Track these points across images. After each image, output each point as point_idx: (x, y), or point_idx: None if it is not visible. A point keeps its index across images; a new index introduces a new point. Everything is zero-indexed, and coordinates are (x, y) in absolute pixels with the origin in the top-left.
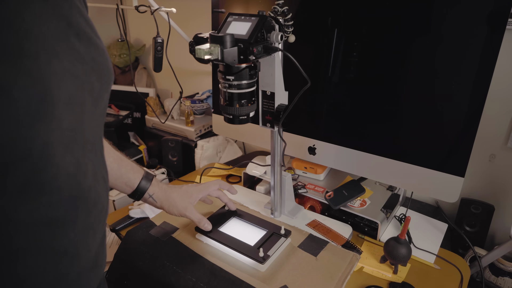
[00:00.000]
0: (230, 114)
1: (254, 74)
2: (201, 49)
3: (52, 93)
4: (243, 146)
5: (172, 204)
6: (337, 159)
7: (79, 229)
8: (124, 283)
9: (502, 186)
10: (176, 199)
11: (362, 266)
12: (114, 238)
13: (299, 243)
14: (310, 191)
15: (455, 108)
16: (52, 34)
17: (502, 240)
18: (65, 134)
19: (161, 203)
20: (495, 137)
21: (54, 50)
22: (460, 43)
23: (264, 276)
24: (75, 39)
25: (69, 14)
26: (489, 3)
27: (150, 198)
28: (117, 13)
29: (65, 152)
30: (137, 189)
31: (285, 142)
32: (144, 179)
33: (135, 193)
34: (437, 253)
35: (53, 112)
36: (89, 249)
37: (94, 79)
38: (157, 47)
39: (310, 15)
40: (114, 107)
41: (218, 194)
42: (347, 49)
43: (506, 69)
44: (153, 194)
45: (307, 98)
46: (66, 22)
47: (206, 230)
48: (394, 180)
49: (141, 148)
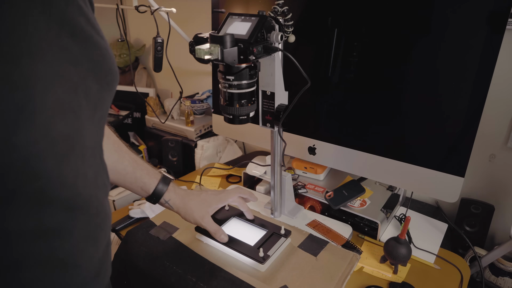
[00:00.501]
0: (230, 114)
1: (254, 74)
2: (201, 49)
3: (34, 101)
4: (243, 146)
5: (188, 213)
6: (337, 159)
7: (78, 239)
8: (124, 283)
9: (502, 186)
10: (194, 207)
11: (362, 266)
12: (114, 238)
13: (299, 243)
14: (310, 191)
15: (455, 108)
16: (40, 35)
17: (502, 240)
18: (56, 143)
19: (178, 209)
20: (495, 137)
21: (40, 52)
22: (460, 43)
23: (264, 276)
24: (69, 39)
25: (64, 11)
26: (489, 3)
27: (166, 204)
28: (117, 13)
29: (59, 162)
30: (153, 194)
31: (285, 142)
32: (160, 183)
33: (151, 198)
34: (437, 253)
35: (35, 121)
36: (91, 258)
37: (91, 81)
38: (157, 47)
39: (310, 15)
40: (114, 107)
41: (238, 202)
42: (347, 49)
43: (506, 69)
44: (169, 200)
45: (307, 98)
46: (59, 20)
47: (222, 241)
48: (394, 180)
49: (141, 148)
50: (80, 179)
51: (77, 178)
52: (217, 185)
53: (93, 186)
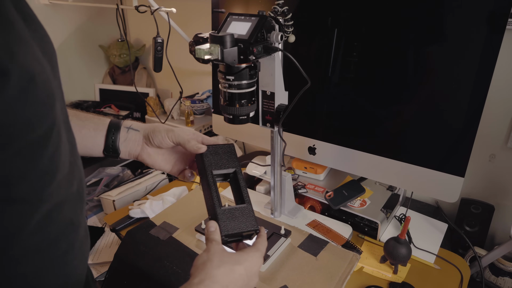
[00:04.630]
0: (230, 114)
1: (254, 74)
2: (201, 49)
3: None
4: (243, 146)
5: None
6: (337, 159)
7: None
8: (124, 283)
9: (502, 186)
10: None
11: (362, 266)
12: (114, 238)
13: (299, 243)
14: (310, 191)
15: (455, 108)
16: (20, 25)
17: (502, 240)
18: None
19: (146, 132)
20: (495, 137)
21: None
22: (460, 43)
23: (264, 276)
24: (24, 24)
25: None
26: (489, 3)
27: (130, 130)
28: (117, 13)
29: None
30: (108, 132)
31: (285, 142)
32: (112, 121)
33: (108, 138)
34: (437, 253)
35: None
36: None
37: (46, 63)
38: (157, 47)
39: (310, 15)
40: (114, 107)
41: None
42: (347, 49)
43: (506, 69)
44: (131, 125)
45: (307, 98)
46: (17, 5)
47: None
48: (394, 180)
49: None
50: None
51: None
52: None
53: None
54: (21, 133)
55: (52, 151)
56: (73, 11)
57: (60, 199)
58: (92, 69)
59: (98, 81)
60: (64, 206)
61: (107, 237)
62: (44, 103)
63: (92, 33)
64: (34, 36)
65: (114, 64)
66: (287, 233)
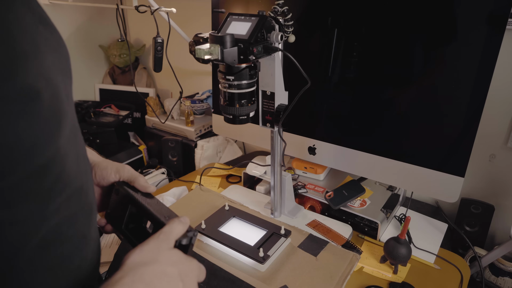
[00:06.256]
0: (230, 114)
1: (254, 74)
2: (201, 49)
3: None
4: (243, 146)
5: (102, 163)
6: (337, 159)
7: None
8: None
9: (502, 186)
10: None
11: (362, 266)
12: (114, 238)
13: (299, 243)
14: (310, 191)
15: (455, 108)
16: (33, 29)
17: (502, 240)
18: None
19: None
20: (495, 137)
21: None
22: (460, 43)
23: (264, 276)
24: (42, 26)
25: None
26: (489, 3)
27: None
28: (117, 13)
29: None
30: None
31: (285, 142)
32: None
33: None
34: (437, 253)
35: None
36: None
37: (64, 67)
38: (157, 47)
39: (310, 15)
40: (114, 107)
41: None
42: (347, 49)
43: (506, 69)
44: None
45: (307, 98)
46: (31, 7)
47: (148, 190)
48: (394, 180)
49: (141, 148)
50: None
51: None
52: (217, 185)
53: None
54: (26, 157)
55: (59, 171)
56: (73, 11)
57: (70, 212)
58: (92, 69)
59: (98, 81)
60: (75, 219)
61: (107, 237)
62: (50, 121)
63: (92, 33)
64: (51, 38)
65: (114, 64)
66: (287, 233)
